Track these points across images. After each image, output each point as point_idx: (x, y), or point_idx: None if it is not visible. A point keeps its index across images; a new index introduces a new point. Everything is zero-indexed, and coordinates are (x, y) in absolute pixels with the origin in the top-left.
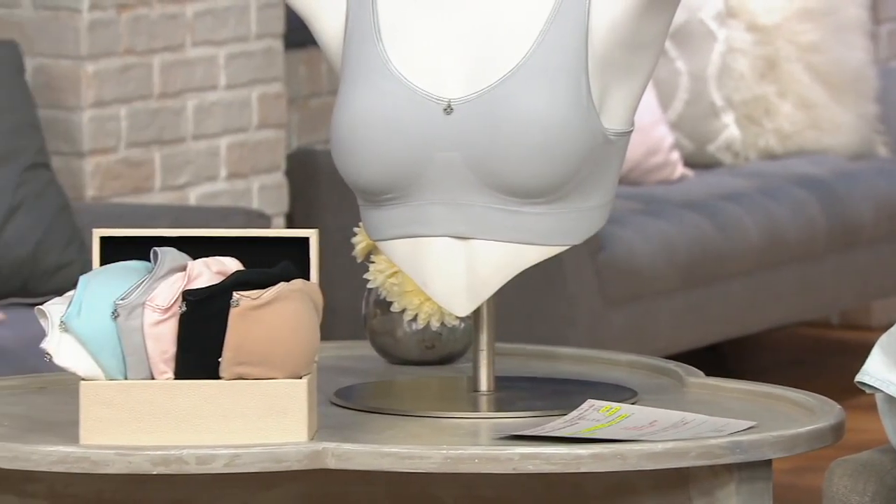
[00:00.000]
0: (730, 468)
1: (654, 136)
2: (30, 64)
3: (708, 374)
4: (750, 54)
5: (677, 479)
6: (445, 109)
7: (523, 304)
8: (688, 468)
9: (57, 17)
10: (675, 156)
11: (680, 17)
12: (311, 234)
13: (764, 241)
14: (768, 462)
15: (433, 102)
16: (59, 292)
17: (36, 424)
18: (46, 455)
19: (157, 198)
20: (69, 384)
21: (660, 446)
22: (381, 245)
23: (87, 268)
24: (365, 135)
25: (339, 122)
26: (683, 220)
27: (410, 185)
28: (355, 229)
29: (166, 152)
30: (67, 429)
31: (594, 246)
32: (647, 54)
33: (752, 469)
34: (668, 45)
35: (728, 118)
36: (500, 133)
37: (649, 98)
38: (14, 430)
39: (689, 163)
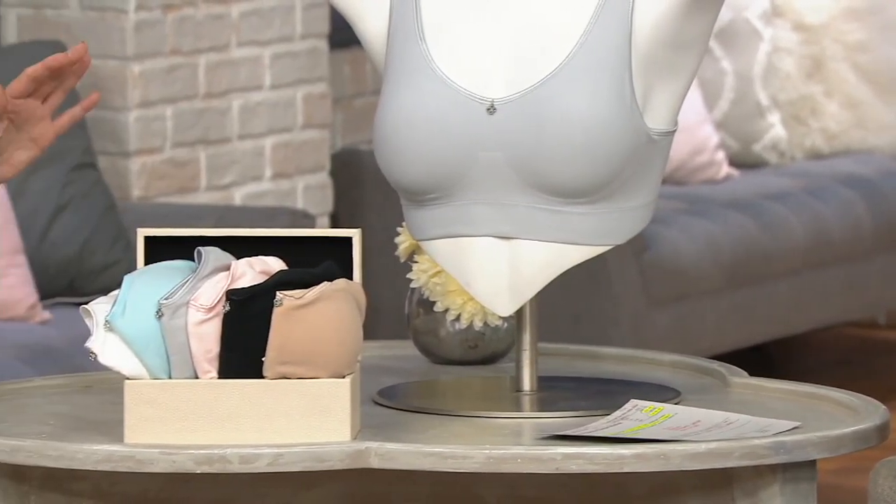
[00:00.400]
0: (774, 468)
1: (699, 135)
2: None
3: (753, 374)
4: (796, 53)
5: (721, 479)
6: (488, 109)
7: (568, 304)
8: (731, 468)
9: (103, 18)
10: (721, 155)
11: (725, 16)
12: (354, 234)
13: (810, 241)
14: (812, 462)
15: (476, 102)
16: (106, 291)
17: (81, 423)
18: (92, 454)
19: (203, 197)
20: (114, 383)
21: (703, 446)
22: (424, 245)
23: (132, 267)
24: (408, 135)
25: (382, 122)
26: (728, 219)
27: (453, 185)
28: (398, 229)
29: (212, 152)
30: (112, 428)
31: (639, 246)
32: (690, 53)
33: (797, 469)
34: (713, 44)
35: (774, 118)
36: (543, 133)
37: (695, 98)
38: (60, 429)
39: (734, 162)
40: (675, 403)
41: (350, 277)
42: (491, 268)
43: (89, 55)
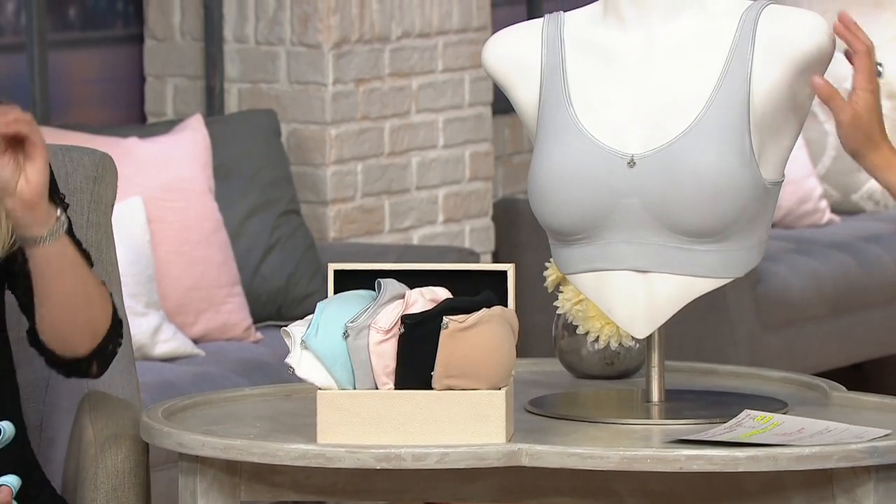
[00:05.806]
0: (868, 469)
1: (805, 186)
2: (285, 129)
3: (851, 389)
4: (889, 118)
5: (822, 478)
6: (629, 163)
7: (692, 328)
8: (831, 469)
9: (306, 90)
10: (824, 204)
11: None
12: (509, 268)
13: None
14: None
15: (618, 157)
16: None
17: (282, 426)
18: (290, 452)
19: (387, 238)
20: (309, 393)
21: (807, 450)
22: (571, 277)
23: (328, 296)
24: (559, 186)
25: (535, 175)
26: (830, 258)
27: (597, 227)
28: (546, 264)
29: (394, 200)
30: (307, 430)
31: (753, 279)
32: (797, 115)
33: (889, 470)
34: (817, 109)
35: None
36: (676, 183)
37: (802, 154)
38: (265, 430)
39: (835, 210)
40: (783, 413)
41: (506, 305)
42: (629, 297)
43: (21, 116)
